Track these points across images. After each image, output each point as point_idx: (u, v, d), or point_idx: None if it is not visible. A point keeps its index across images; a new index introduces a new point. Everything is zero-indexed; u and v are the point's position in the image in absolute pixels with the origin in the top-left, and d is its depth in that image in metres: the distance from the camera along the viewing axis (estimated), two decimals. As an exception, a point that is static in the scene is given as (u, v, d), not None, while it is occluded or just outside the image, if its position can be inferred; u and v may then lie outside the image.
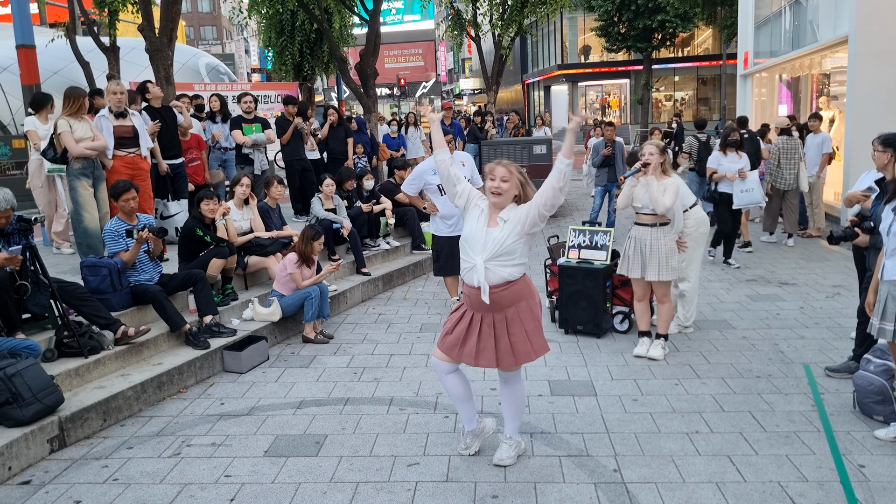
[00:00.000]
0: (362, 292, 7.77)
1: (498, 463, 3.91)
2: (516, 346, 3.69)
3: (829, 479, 3.67)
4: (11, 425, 4.07)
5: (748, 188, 8.43)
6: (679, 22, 30.69)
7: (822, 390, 4.84)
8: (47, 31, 16.17)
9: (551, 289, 6.70)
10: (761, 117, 16.24)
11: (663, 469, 3.84)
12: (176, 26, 10.80)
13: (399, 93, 46.91)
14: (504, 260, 3.61)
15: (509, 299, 3.67)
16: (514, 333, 3.69)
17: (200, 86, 15.32)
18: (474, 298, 3.69)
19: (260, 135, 9.17)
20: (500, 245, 3.59)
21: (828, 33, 12.02)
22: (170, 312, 5.47)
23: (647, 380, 5.14)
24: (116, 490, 3.79)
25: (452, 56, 62.73)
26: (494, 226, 3.65)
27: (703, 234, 6.12)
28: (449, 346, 3.81)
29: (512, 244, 3.60)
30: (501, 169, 3.66)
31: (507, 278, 3.63)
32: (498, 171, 3.66)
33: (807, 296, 7.26)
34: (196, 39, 65.72)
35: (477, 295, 3.65)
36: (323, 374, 5.48)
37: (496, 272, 3.61)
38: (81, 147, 6.28)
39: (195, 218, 6.28)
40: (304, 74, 24.92)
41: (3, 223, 4.84)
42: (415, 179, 6.60)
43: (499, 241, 3.59)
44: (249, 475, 3.91)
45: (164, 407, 4.92)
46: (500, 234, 3.60)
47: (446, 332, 3.86)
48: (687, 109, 39.70)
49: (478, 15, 23.65)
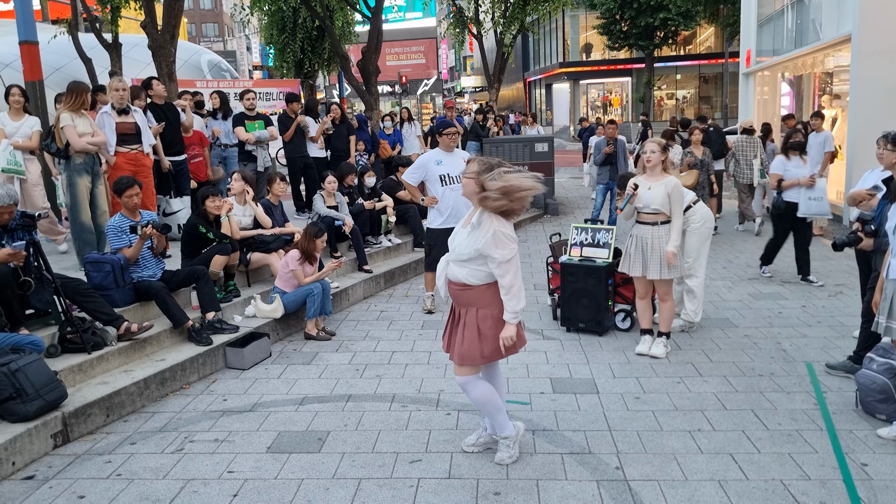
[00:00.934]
0: (364, 289, 7.77)
1: (499, 463, 3.92)
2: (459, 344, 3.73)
3: (832, 478, 3.68)
4: (15, 420, 4.09)
5: (817, 196, 7.50)
6: (681, 20, 30.70)
7: (825, 389, 4.85)
8: (50, 28, 16.14)
9: (553, 286, 6.70)
10: (763, 116, 16.24)
11: (665, 467, 3.84)
12: (178, 23, 10.79)
13: (400, 90, 46.86)
14: (461, 263, 3.67)
15: (464, 300, 3.74)
16: (465, 333, 3.72)
17: (202, 83, 15.31)
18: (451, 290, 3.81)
19: (263, 132, 9.18)
20: (460, 247, 3.68)
21: (831, 32, 12.01)
22: (172, 309, 5.47)
23: (649, 378, 5.14)
24: (120, 485, 3.80)
25: (454, 54, 62.73)
26: (465, 225, 3.73)
27: (710, 230, 6.12)
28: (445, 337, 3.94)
29: (468, 252, 3.62)
30: (470, 165, 3.71)
31: (462, 280, 3.69)
32: (469, 167, 3.71)
33: (809, 294, 7.26)
34: (198, 36, 65.71)
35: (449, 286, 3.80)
36: (325, 371, 5.49)
37: (453, 271, 3.73)
38: (83, 141, 6.29)
39: (198, 214, 6.29)
40: (306, 72, 24.91)
41: (7, 219, 4.86)
42: (418, 169, 6.57)
43: (460, 243, 3.68)
44: (252, 471, 3.92)
45: (167, 403, 4.93)
46: (462, 238, 3.69)
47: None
48: (689, 108, 39.68)
49: (480, 12, 23.63)
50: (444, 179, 6.45)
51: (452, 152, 6.58)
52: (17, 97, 7.25)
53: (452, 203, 6.41)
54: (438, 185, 6.50)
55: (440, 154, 6.56)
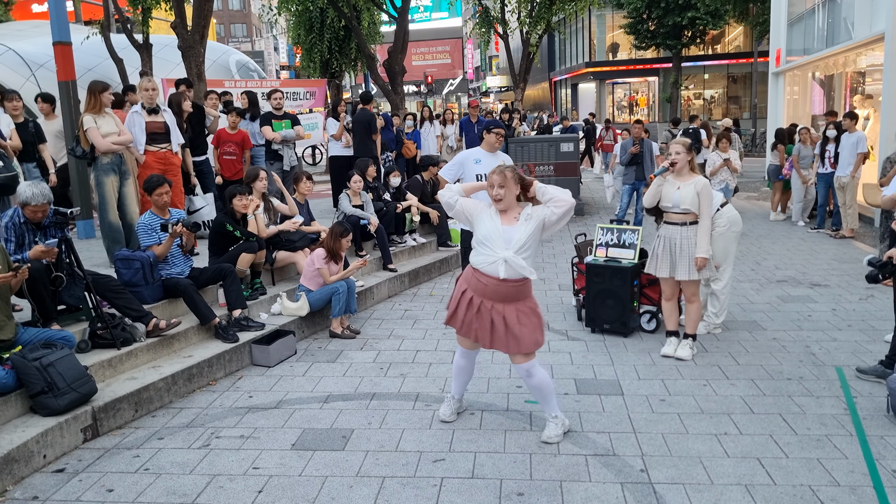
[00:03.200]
0: (389, 288, 7.80)
1: (546, 440, 4.14)
2: (524, 336, 4.03)
3: (862, 484, 3.62)
4: (46, 414, 4.17)
5: None
6: (710, 19, 30.35)
7: (855, 394, 4.77)
8: (82, 29, 16.42)
9: (578, 287, 6.67)
10: (793, 116, 16.01)
11: (691, 470, 3.80)
12: (208, 24, 10.94)
13: (426, 90, 46.93)
14: (524, 254, 3.97)
15: (521, 294, 4.07)
16: (524, 324, 4.04)
17: (231, 82, 15.47)
18: (491, 287, 4.02)
19: (289, 131, 9.25)
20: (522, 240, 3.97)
21: (863, 30, 11.80)
22: (200, 306, 5.54)
23: (674, 380, 5.10)
24: (148, 479, 3.86)
25: (479, 53, 62.62)
26: (511, 224, 4.04)
27: (736, 234, 6.05)
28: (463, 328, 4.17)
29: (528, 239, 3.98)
30: (496, 177, 4.06)
31: (524, 274, 3.99)
32: (494, 179, 4.06)
33: (839, 297, 7.14)
34: (226, 37, 66.36)
35: (495, 284, 4.00)
36: (350, 369, 5.52)
37: (517, 264, 3.95)
38: (108, 142, 6.39)
39: (225, 213, 6.36)
40: (332, 71, 25.02)
41: (41, 217, 4.95)
42: (455, 165, 6.29)
43: (521, 236, 3.98)
44: (277, 468, 3.95)
45: (194, 399, 4.99)
46: (521, 230, 4.00)
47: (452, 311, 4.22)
48: (717, 108, 39.23)
49: (506, 12, 23.59)
50: (480, 179, 6.15)
51: (495, 153, 6.32)
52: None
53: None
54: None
55: (481, 153, 6.29)
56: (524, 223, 4.01)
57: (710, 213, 5.36)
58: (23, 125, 7.37)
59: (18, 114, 7.30)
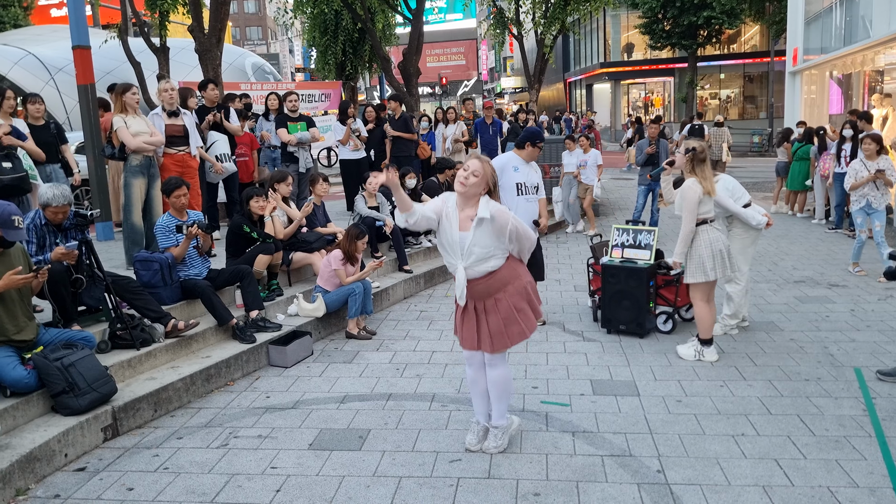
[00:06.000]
0: (404, 289, 7.83)
1: (486, 451, 4.04)
2: (508, 328, 3.86)
3: (881, 486, 3.59)
4: (67, 414, 4.22)
5: None
6: (725, 18, 30.14)
7: (874, 395, 4.73)
8: (100, 33, 16.63)
9: (594, 288, 6.66)
10: (810, 115, 15.88)
11: (708, 471, 3.79)
12: (224, 27, 11.03)
13: (441, 91, 46.96)
14: (482, 260, 3.75)
15: (495, 287, 3.83)
16: (504, 315, 3.85)
17: (247, 85, 15.60)
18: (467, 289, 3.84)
19: (304, 133, 9.30)
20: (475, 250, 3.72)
21: (882, 28, 11.69)
22: (217, 307, 5.59)
23: (691, 381, 5.08)
24: (167, 478, 3.90)
25: (494, 55, 62.54)
26: (465, 229, 3.74)
27: (753, 236, 6.02)
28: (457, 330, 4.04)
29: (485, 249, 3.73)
30: (476, 162, 3.76)
31: (488, 270, 3.79)
32: (472, 163, 3.75)
33: (858, 298, 7.08)
34: (242, 40, 66.83)
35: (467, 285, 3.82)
36: (366, 370, 5.54)
37: (476, 269, 3.77)
38: (139, 140, 6.44)
39: (242, 214, 6.41)
40: (347, 73, 25.15)
41: (61, 218, 5.02)
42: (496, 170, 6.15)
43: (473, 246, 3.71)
44: (295, 467, 3.98)
45: (212, 399, 5.04)
46: (472, 240, 3.71)
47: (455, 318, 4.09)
48: (733, 107, 38.94)
49: (520, 13, 23.57)
50: (519, 188, 6.07)
51: (530, 163, 6.21)
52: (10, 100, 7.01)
53: (525, 215, 5.87)
54: (513, 193, 6.00)
55: (518, 161, 6.13)
56: (475, 228, 3.70)
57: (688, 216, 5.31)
58: (44, 127, 7.46)
59: (40, 116, 7.38)
